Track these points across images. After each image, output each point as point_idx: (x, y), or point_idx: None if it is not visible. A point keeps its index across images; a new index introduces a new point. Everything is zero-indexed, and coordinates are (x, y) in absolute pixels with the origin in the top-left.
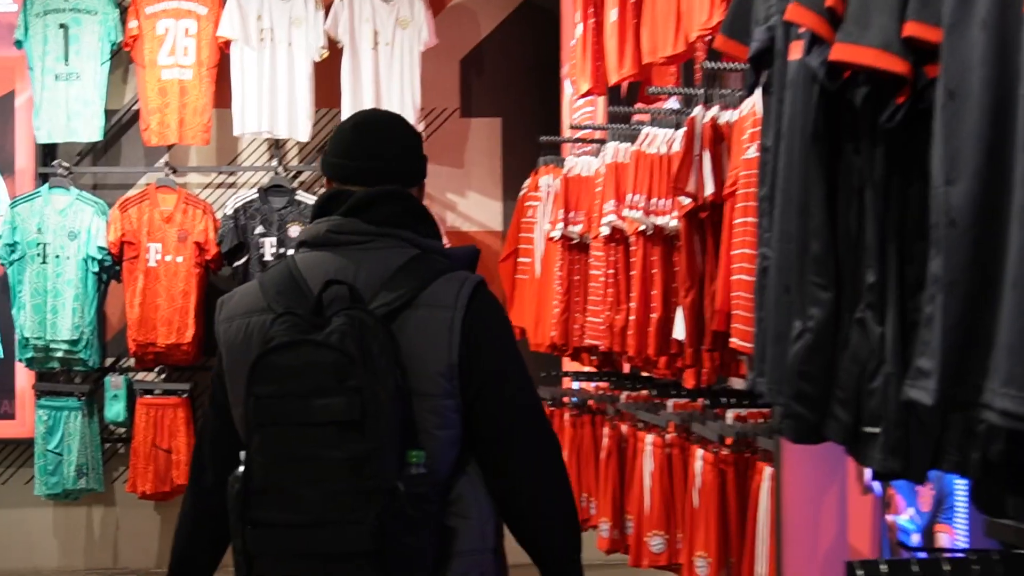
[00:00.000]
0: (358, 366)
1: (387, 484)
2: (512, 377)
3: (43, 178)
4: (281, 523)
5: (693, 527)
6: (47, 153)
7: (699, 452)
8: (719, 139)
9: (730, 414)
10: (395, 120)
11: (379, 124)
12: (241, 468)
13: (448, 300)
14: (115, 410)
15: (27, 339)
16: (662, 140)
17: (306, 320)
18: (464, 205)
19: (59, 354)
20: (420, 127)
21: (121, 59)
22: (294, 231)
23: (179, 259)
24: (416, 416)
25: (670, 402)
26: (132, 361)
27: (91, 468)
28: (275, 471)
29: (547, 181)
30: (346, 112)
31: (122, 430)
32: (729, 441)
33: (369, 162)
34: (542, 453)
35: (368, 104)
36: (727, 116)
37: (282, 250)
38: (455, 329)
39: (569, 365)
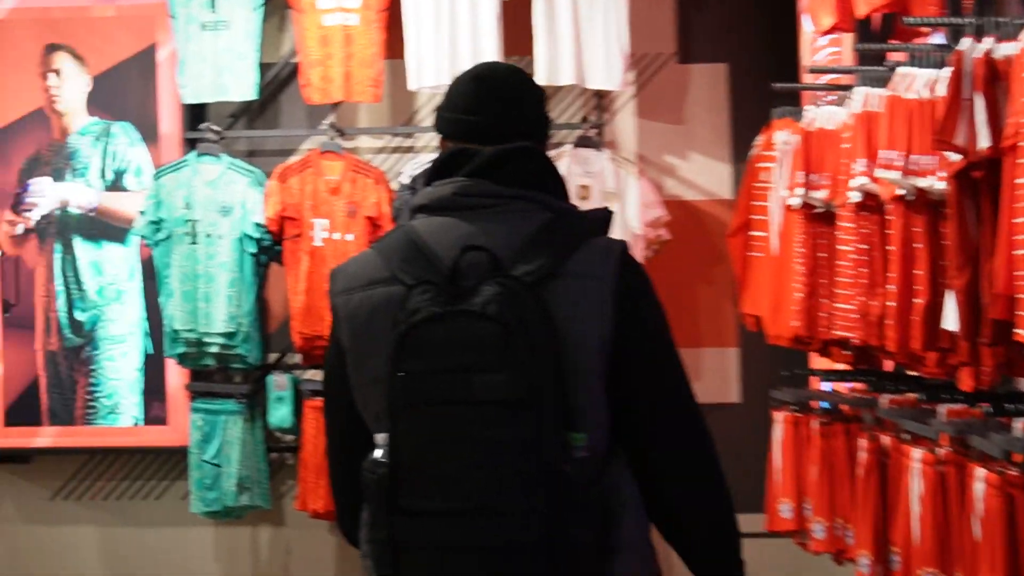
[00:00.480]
0: (520, 339)
1: (556, 468)
2: (666, 357)
3: (190, 144)
4: (437, 511)
5: (975, 565)
6: (194, 116)
7: (979, 472)
8: (995, 79)
9: (1018, 424)
10: (517, 72)
11: (501, 76)
12: (377, 452)
13: (597, 269)
14: (280, 414)
15: (177, 332)
16: (923, 83)
17: (446, 290)
18: (685, 169)
19: (214, 349)
20: (630, 77)
21: (277, 3)
22: None
23: (348, 237)
24: (568, 395)
25: (942, 408)
26: (298, 357)
27: (254, 482)
28: (430, 454)
29: (783, 137)
30: (540, 62)
31: (289, 437)
32: (1018, 458)
33: (496, 118)
34: (694, 449)
35: (567, 52)
36: (1005, 50)
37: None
38: (607, 300)
39: (817, 362)
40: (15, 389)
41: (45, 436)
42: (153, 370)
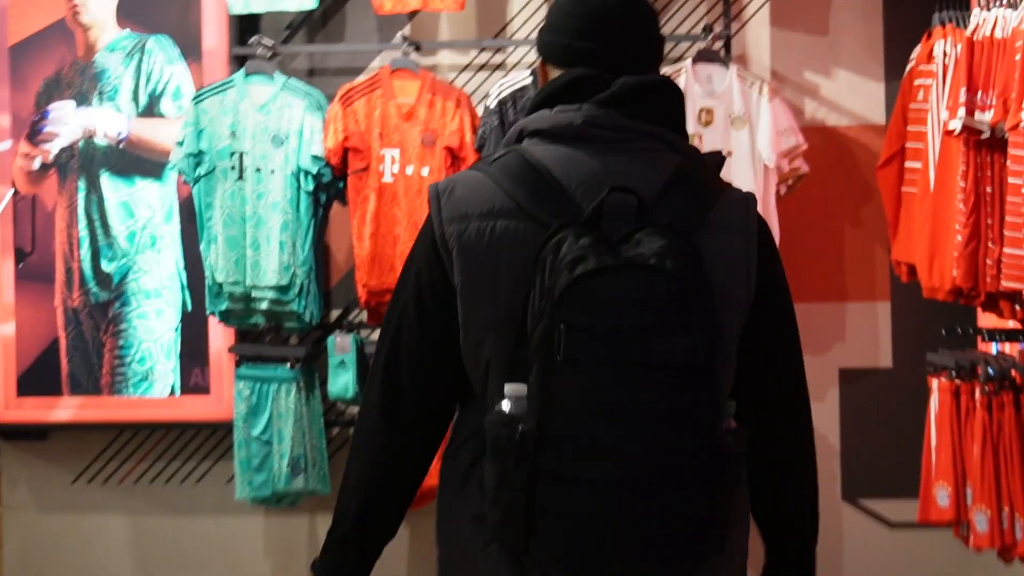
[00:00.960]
0: (700, 299)
1: (722, 439)
2: (791, 321)
3: (238, 62)
4: (592, 479)
5: None
6: (244, 28)
7: None
8: None
9: None
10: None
11: (626, 1)
12: (505, 405)
13: (739, 222)
14: (342, 382)
15: (220, 285)
16: None
17: (601, 237)
18: (830, 89)
19: (263, 305)
20: None
21: None
22: None
23: (424, 171)
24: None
25: None
26: (364, 315)
27: (311, 462)
28: (591, 417)
29: (943, 48)
30: None
31: (353, 409)
32: None
33: (616, 43)
34: (805, 425)
35: None
36: None
37: None
38: (751, 259)
39: (983, 319)
40: (30, 352)
41: (65, 408)
42: (192, 330)
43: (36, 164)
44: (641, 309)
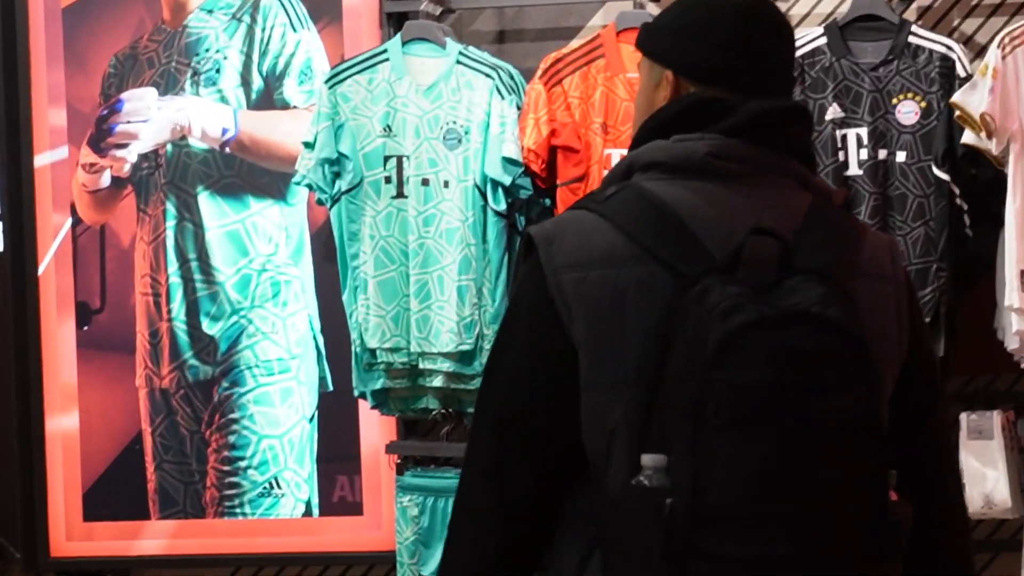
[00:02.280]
0: (866, 352)
1: (891, 509)
2: (941, 383)
3: (396, 24)
4: (756, 557)
5: None
6: None
7: None
8: None
9: None
10: (777, 9)
11: (773, 9)
12: (644, 476)
13: (885, 268)
14: None
15: (373, 353)
16: None
17: (752, 285)
18: None
19: (437, 381)
20: None
21: None
22: (907, 112)
23: None
24: None
25: None
26: None
27: None
28: (754, 487)
29: None
30: None
31: None
32: None
33: (770, 64)
34: (960, 485)
35: None
36: None
37: (881, 153)
38: (903, 310)
39: None
40: (101, 457)
41: (154, 537)
42: (335, 421)
43: (105, 180)
44: (807, 364)
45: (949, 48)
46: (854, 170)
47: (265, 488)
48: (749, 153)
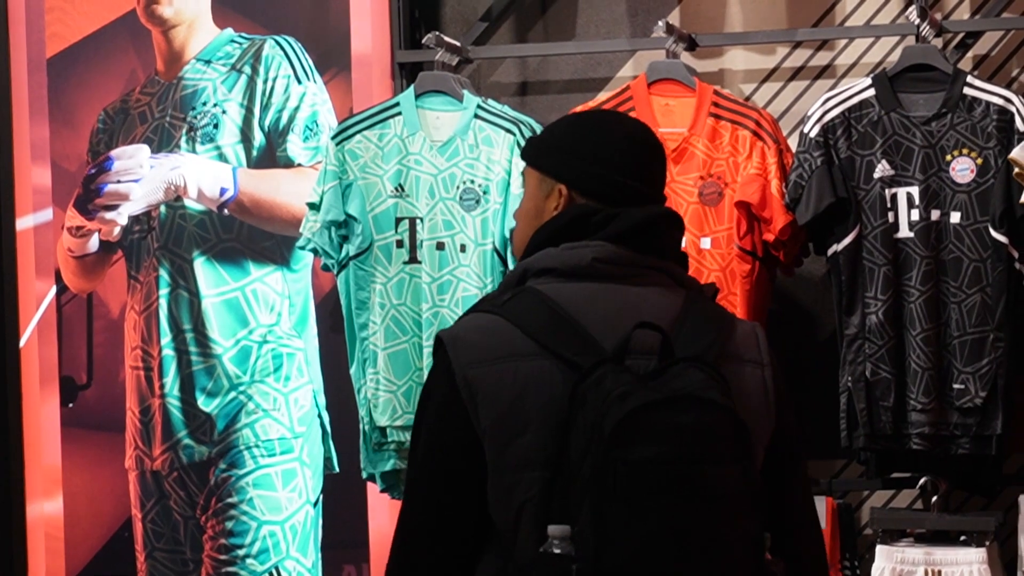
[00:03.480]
0: (743, 429)
1: (767, 568)
2: (803, 458)
3: (408, 75)
4: None
5: None
6: (412, 23)
7: None
8: None
9: None
10: (653, 131)
11: (652, 136)
12: (551, 544)
13: (753, 353)
14: None
15: (383, 431)
16: None
17: (638, 373)
18: None
19: None
20: None
21: None
22: (962, 169)
23: (705, 243)
24: None
25: None
26: None
27: None
28: (649, 551)
29: None
30: None
31: None
32: None
33: (654, 184)
34: (823, 549)
35: None
36: None
37: (934, 214)
38: (770, 389)
39: None
40: (87, 545)
41: None
42: (341, 504)
43: (93, 244)
44: (694, 440)
45: (1008, 100)
46: (904, 232)
47: None
48: (630, 257)
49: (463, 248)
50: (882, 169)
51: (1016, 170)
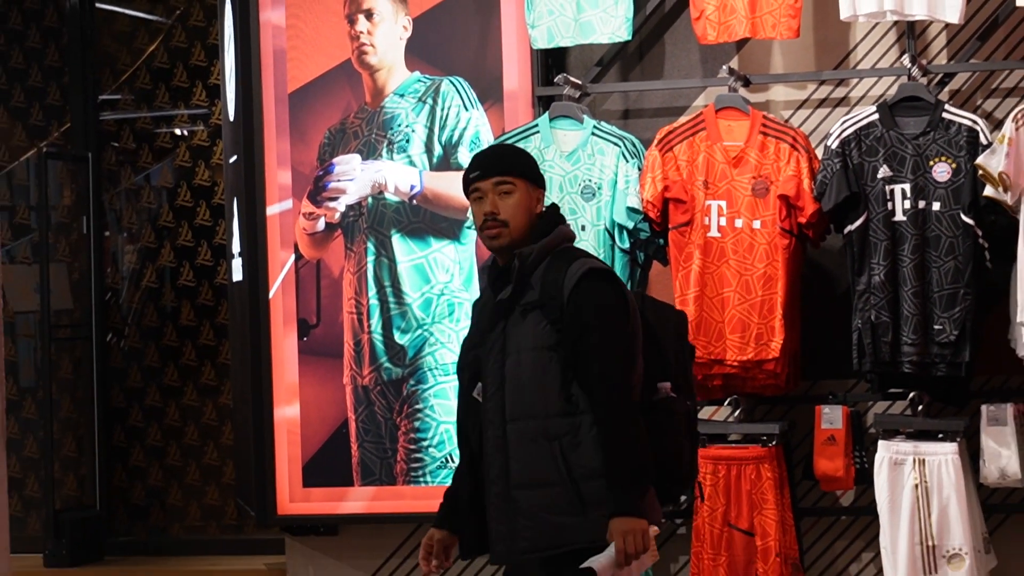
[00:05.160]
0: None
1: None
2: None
3: (544, 104)
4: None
5: None
6: (549, 66)
7: None
8: None
9: None
10: None
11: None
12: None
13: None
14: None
15: None
16: None
17: None
18: None
19: None
20: None
21: None
22: (941, 171)
23: (755, 224)
24: None
25: None
26: None
27: None
28: None
29: None
30: None
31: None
32: None
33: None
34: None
35: None
36: None
37: (921, 203)
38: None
39: None
40: (317, 438)
41: (357, 500)
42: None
43: (320, 225)
44: None
45: (974, 122)
46: (900, 216)
47: (442, 462)
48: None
49: (583, 228)
50: (883, 171)
51: (980, 172)
